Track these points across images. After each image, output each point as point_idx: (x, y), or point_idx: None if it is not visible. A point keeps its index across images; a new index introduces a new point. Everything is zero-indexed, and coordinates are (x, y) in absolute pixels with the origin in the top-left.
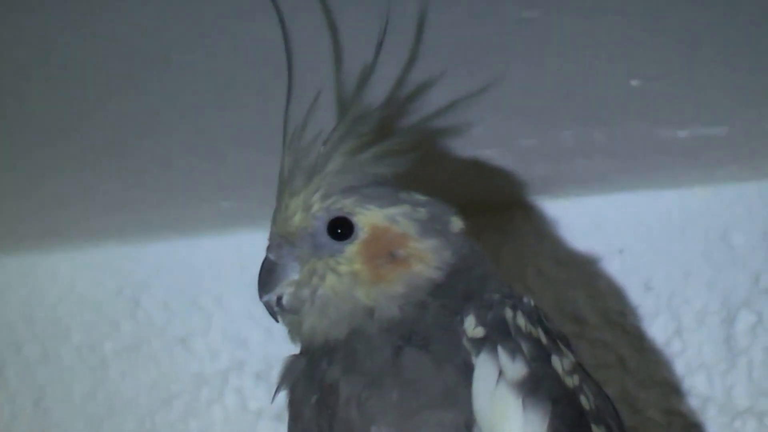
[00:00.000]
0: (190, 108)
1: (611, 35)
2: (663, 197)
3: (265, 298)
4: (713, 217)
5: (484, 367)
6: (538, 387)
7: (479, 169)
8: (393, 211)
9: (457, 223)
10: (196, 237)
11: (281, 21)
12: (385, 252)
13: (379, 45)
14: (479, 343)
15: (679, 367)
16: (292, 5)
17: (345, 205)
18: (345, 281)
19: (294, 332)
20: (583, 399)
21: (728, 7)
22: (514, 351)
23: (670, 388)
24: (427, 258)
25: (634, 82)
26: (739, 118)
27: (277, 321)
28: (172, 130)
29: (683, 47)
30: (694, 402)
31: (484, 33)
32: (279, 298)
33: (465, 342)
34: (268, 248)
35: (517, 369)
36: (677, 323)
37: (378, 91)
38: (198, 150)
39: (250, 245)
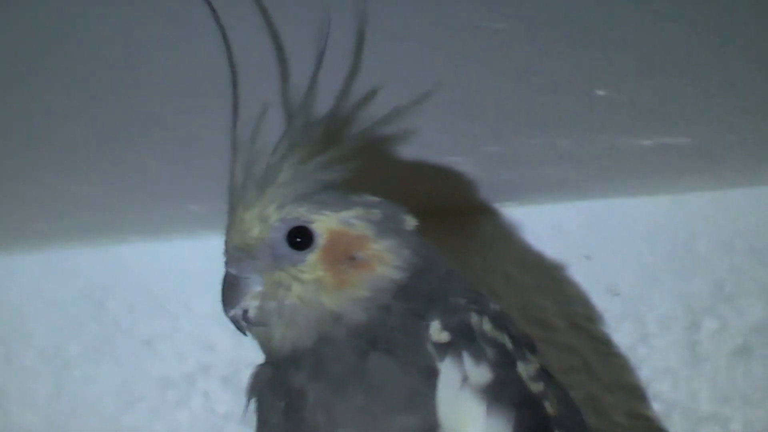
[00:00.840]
0: (158, 112)
1: (575, 44)
2: (629, 205)
3: (231, 312)
4: (678, 224)
5: (448, 372)
6: (503, 393)
7: (445, 174)
8: (347, 214)
9: (410, 222)
10: (162, 239)
11: (224, 37)
12: (346, 256)
13: (321, 54)
14: (444, 348)
15: (645, 372)
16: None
17: (301, 214)
18: (310, 289)
19: (264, 343)
20: (547, 405)
21: (691, 19)
22: (479, 356)
23: (635, 393)
24: (386, 258)
25: (599, 92)
26: (703, 129)
27: (245, 334)
28: (140, 133)
29: (647, 58)
30: (658, 407)
31: (439, 39)
32: (245, 312)
33: (429, 347)
34: (227, 263)
35: (481, 374)
36: (642, 329)
37: (327, 99)
38: (166, 153)
39: (218, 249)
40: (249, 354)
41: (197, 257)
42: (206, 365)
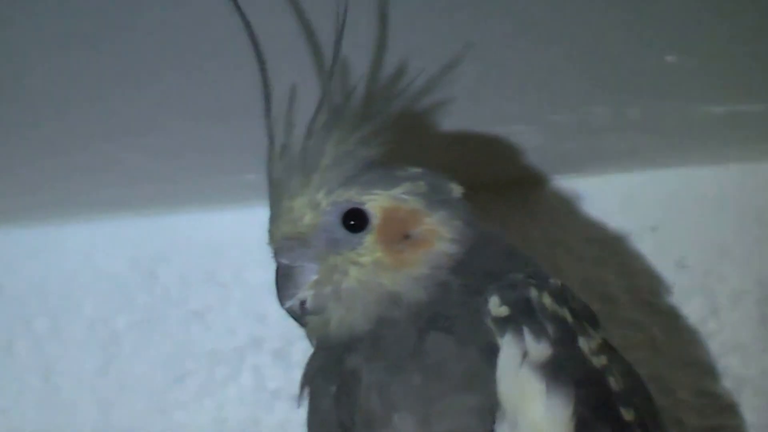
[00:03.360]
0: (215, 78)
1: (644, 9)
2: (697, 174)
3: (288, 304)
4: (748, 194)
5: (509, 348)
6: (563, 369)
7: (507, 145)
8: (397, 190)
9: (457, 190)
10: (216, 209)
11: (247, 25)
12: (401, 234)
13: (341, 27)
14: (504, 323)
15: (714, 347)
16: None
17: (352, 196)
18: (369, 271)
19: (319, 332)
20: (610, 380)
21: None
22: (539, 332)
23: (704, 369)
24: (441, 232)
25: (669, 58)
26: None
27: (303, 325)
28: (193, 101)
29: (720, 22)
30: (728, 383)
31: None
32: (302, 302)
33: (489, 322)
34: (278, 253)
35: (541, 350)
36: (712, 303)
37: (360, 74)
38: (222, 121)
39: None
40: (301, 329)
41: (250, 227)
42: (257, 338)
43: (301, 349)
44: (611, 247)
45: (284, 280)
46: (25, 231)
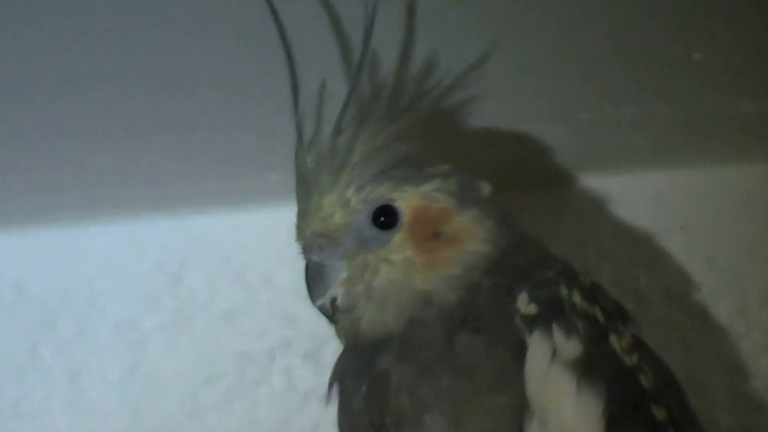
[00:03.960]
0: (238, 73)
1: (669, 6)
2: (726, 172)
3: (319, 302)
4: None
5: (537, 346)
6: (594, 367)
7: (535, 143)
8: (427, 187)
9: (486, 189)
10: (241, 209)
11: (276, 18)
12: (431, 232)
13: (371, 22)
14: (532, 321)
15: (745, 347)
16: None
17: (382, 193)
18: (399, 270)
19: (349, 329)
20: (642, 378)
21: None
22: (569, 329)
23: (735, 369)
24: (473, 232)
25: (696, 56)
26: None
27: (334, 323)
28: (218, 102)
29: (746, 21)
30: (759, 383)
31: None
32: (333, 300)
33: (518, 321)
34: (307, 251)
35: (571, 348)
36: (742, 302)
37: (388, 70)
38: (245, 120)
39: None
40: (331, 329)
41: (278, 228)
42: (287, 340)
43: (331, 351)
44: (642, 246)
45: (315, 279)
46: (48, 232)
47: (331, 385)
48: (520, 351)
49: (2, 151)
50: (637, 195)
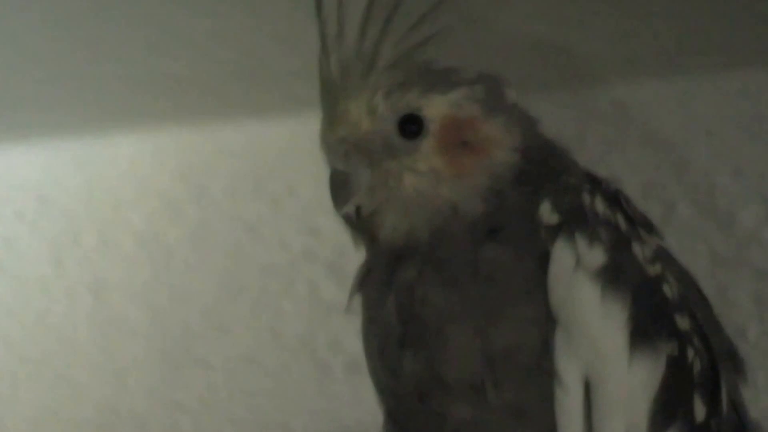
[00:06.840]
0: None
1: None
2: (754, 78)
3: (344, 210)
4: None
5: (560, 255)
6: (618, 276)
7: (561, 46)
8: (454, 95)
9: (511, 94)
10: (266, 120)
11: None
12: (458, 141)
13: None
14: (555, 230)
15: None
16: None
17: (410, 100)
18: (426, 179)
19: (373, 238)
20: (666, 288)
21: None
22: (592, 238)
23: (762, 276)
24: (500, 140)
25: None
26: None
27: (358, 231)
28: (241, 6)
29: None
30: None
31: None
32: (358, 208)
33: (542, 230)
34: (332, 158)
35: (594, 257)
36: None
37: None
38: (270, 28)
39: None
40: (355, 240)
41: (301, 138)
42: (311, 251)
43: (354, 262)
44: (668, 152)
45: (339, 186)
46: (69, 143)
47: (352, 295)
48: (545, 261)
49: (24, 64)
50: (663, 100)
